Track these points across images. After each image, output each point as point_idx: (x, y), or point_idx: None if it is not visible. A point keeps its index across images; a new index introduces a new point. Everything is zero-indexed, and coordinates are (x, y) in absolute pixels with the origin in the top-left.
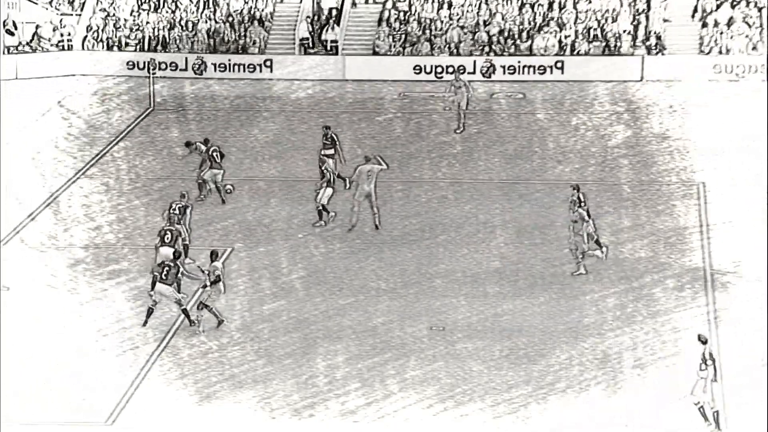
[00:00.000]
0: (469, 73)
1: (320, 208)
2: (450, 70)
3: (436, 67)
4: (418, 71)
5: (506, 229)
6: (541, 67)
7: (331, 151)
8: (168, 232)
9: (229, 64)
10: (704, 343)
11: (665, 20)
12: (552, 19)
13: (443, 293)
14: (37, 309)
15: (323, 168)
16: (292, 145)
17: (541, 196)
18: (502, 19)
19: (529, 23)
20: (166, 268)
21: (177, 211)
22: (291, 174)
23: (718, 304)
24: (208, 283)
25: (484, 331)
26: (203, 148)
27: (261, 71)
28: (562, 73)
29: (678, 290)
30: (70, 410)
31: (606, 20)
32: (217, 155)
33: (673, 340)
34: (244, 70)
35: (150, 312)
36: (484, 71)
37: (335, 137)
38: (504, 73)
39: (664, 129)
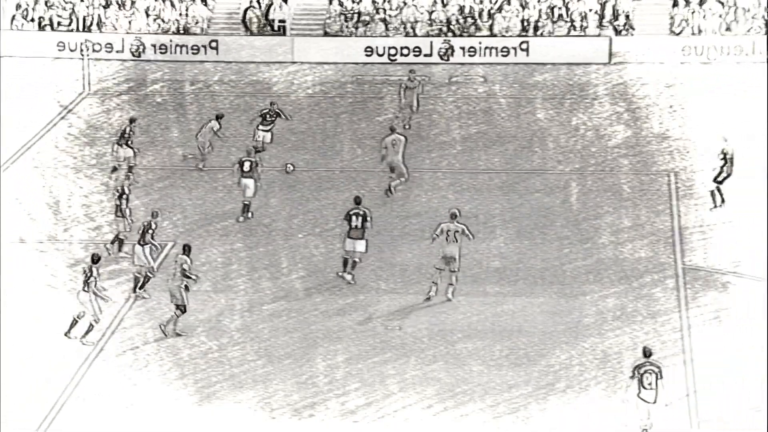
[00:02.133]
0: (425, 55)
1: (248, 203)
2: (404, 51)
3: (390, 48)
4: (369, 53)
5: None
6: (505, 49)
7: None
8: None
9: (171, 46)
10: (647, 356)
11: None
12: None
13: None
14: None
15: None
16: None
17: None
18: None
19: (490, 2)
20: (84, 275)
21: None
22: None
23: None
24: (178, 276)
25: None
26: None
27: (206, 53)
28: (527, 55)
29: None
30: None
31: None
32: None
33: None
34: (187, 52)
35: (74, 323)
36: (442, 53)
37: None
38: (464, 55)
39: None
